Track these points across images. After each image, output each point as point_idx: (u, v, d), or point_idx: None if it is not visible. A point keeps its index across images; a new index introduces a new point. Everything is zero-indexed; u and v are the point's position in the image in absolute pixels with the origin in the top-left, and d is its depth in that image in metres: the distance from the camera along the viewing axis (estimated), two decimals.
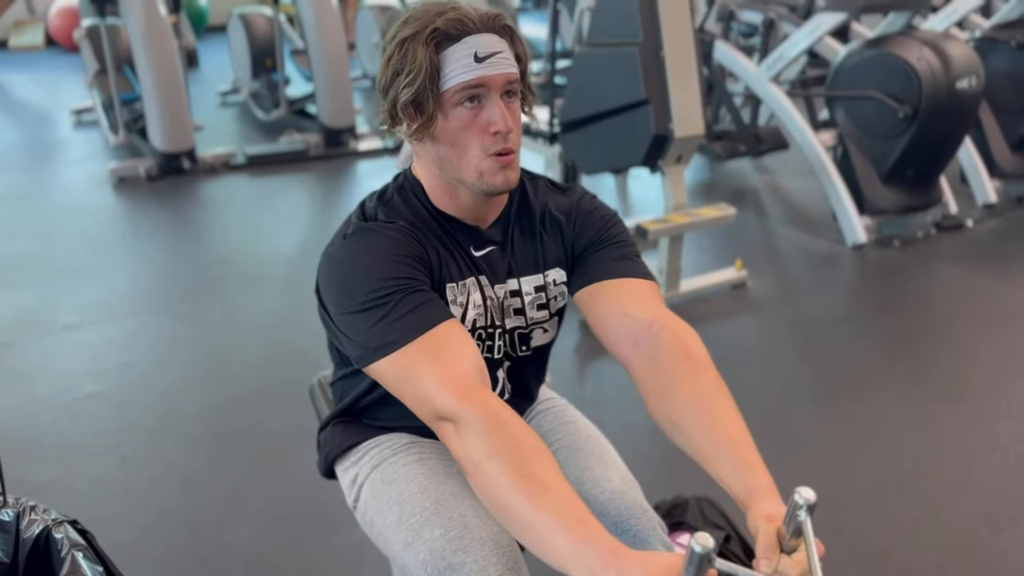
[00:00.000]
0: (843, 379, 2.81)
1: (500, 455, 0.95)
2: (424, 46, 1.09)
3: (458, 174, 1.16)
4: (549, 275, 1.28)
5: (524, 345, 1.29)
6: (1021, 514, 2.12)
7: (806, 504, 0.83)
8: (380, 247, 1.13)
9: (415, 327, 1.06)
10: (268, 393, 2.74)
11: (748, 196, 4.53)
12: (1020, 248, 3.89)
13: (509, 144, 1.13)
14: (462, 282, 1.20)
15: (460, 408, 0.99)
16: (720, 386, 1.09)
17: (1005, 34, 4.24)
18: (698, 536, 0.78)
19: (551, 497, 0.92)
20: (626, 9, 3.00)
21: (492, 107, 1.11)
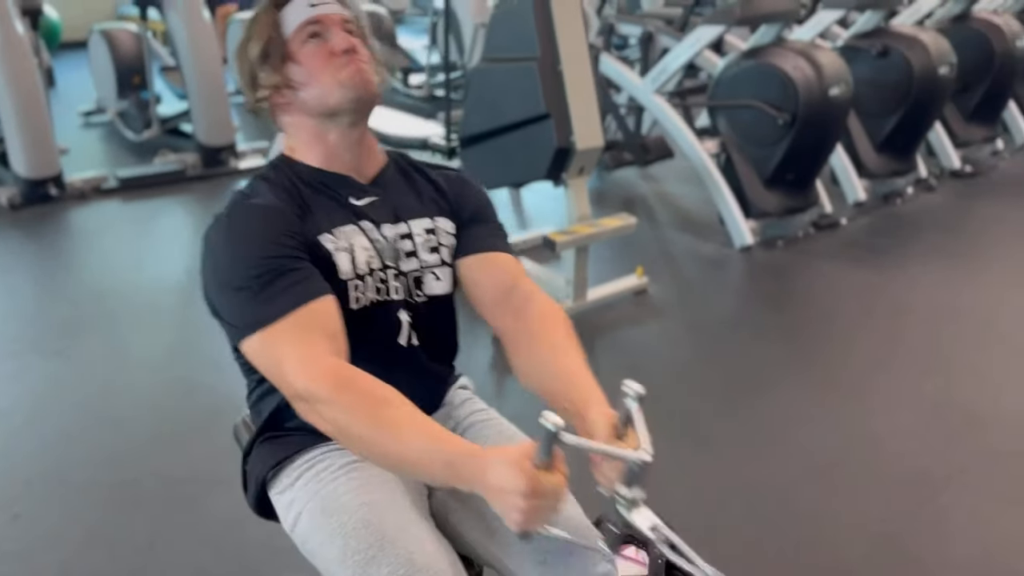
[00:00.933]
0: (746, 377, 2.91)
1: (358, 413, 1.05)
2: (266, 12, 1.27)
3: (323, 103, 1.25)
4: (438, 221, 1.33)
5: (419, 290, 1.30)
6: (930, 495, 2.26)
7: (635, 394, 1.00)
8: (252, 226, 1.17)
9: (282, 306, 1.11)
10: (169, 434, 2.59)
11: (638, 204, 4.65)
12: (890, 243, 4.15)
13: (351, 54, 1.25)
14: (340, 228, 1.24)
15: (313, 386, 1.07)
16: (571, 338, 1.26)
17: (865, 43, 4.53)
18: (547, 415, 0.91)
19: (414, 432, 1.04)
20: (522, 25, 3.02)
21: (334, 36, 1.25)
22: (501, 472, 0.96)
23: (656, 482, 1.03)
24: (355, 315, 1.21)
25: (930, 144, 5.07)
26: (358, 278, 1.22)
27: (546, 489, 0.96)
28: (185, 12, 5.01)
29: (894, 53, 4.41)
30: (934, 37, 4.50)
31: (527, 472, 0.95)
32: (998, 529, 2.13)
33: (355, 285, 1.22)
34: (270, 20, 1.26)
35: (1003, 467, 2.38)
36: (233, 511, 2.22)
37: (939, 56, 4.40)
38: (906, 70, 4.36)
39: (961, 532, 2.12)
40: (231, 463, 2.38)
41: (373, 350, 1.22)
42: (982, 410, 2.66)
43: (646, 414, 1.03)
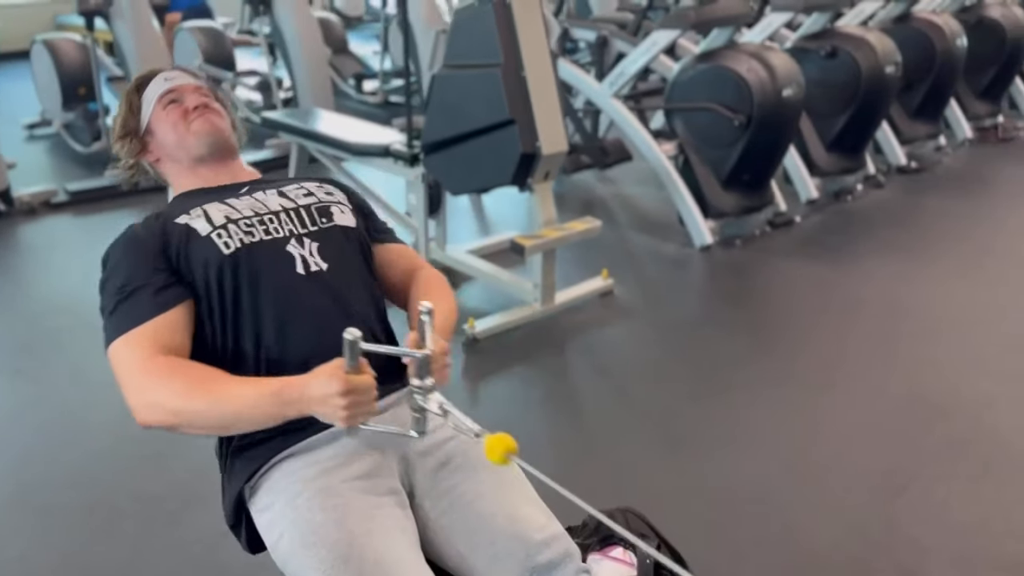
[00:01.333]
0: (714, 375, 2.96)
1: (188, 394, 1.21)
2: (127, 94, 1.56)
3: (183, 154, 1.50)
4: (326, 186, 1.54)
5: (324, 218, 1.44)
6: (900, 486, 2.32)
7: (426, 310, 1.19)
8: (113, 259, 1.36)
9: (124, 324, 1.27)
10: (140, 452, 2.53)
11: (598, 207, 4.69)
12: (843, 239, 4.26)
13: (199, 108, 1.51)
14: (193, 209, 1.38)
15: (142, 381, 1.23)
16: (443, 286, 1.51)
17: (814, 44, 4.64)
18: (348, 330, 1.12)
19: (241, 393, 1.21)
20: (484, 32, 3.03)
21: (187, 98, 1.53)
22: (319, 382, 1.15)
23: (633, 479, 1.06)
24: (233, 258, 1.32)
25: (877, 142, 5.21)
26: (219, 228, 1.35)
27: (359, 386, 1.14)
28: (133, 22, 4.93)
29: (842, 54, 4.52)
30: (879, 37, 4.63)
31: (340, 376, 1.13)
32: (967, 516, 2.21)
33: (218, 234, 1.34)
34: (128, 102, 1.55)
35: (968, 455, 2.46)
36: (214, 528, 2.18)
37: (885, 56, 4.53)
38: (854, 70, 4.48)
39: (932, 520, 2.19)
40: (208, 478, 2.35)
41: (270, 286, 1.33)
42: (943, 401, 2.75)
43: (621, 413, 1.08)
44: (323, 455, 1.30)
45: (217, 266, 1.32)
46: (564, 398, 2.88)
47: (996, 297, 3.53)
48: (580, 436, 2.60)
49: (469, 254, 3.73)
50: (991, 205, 4.73)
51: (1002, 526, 2.16)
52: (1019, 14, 5.84)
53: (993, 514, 2.20)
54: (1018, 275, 3.76)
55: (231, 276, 1.32)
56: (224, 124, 1.54)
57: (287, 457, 1.31)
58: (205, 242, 1.33)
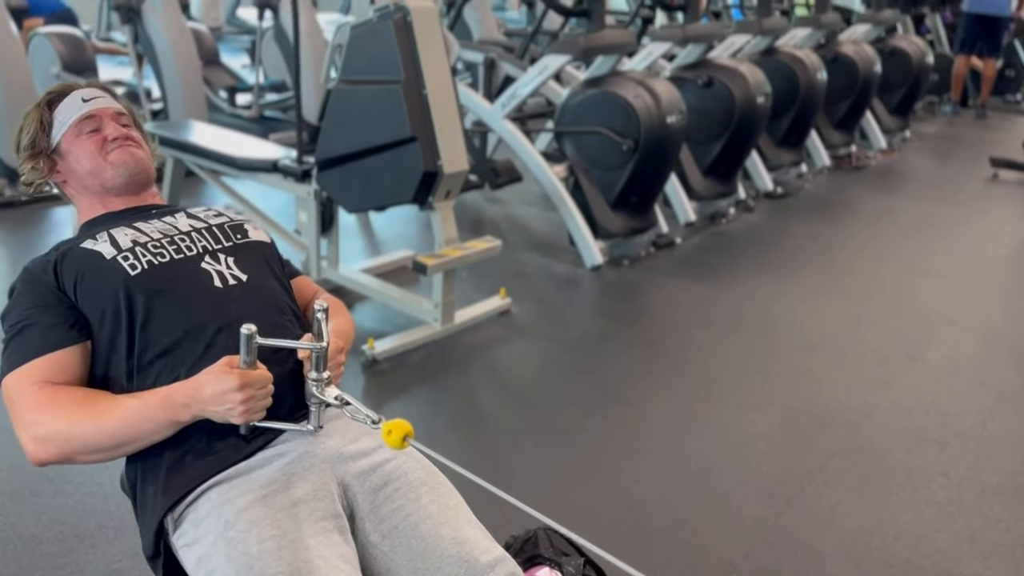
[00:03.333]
0: (614, 391, 3.02)
1: (73, 417, 1.19)
2: (37, 108, 1.46)
3: (97, 182, 1.44)
4: (230, 207, 1.60)
5: (239, 234, 1.44)
6: (794, 493, 2.44)
7: (321, 308, 1.24)
8: (20, 286, 1.33)
9: (15, 361, 1.25)
10: (12, 489, 2.33)
11: (488, 226, 4.71)
12: (721, 259, 4.45)
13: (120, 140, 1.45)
14: (105, 231, 1.36)
15: (30, 416, 1.21)
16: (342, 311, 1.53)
17: (691, 74, 4.85)
18: (245, 325, 1.14)
19: (129, 407, 1.19)
20: (384, 48, 3.00)
21: (107, 126, 1.45)
22: (212, 379, 1.15)
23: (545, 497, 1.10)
24: (141, 279, 1.29)
25: (746, 168, 5.50)
26: (125, 251, 1.32)
27: (255, 380, 1.16)
28: None
29: (717, 84, 4.75)
30: (751, 69, 4.90)
31: (235, 371, 1.14)
32: (858, 520, 2.34)
33: (124, 257, 1.31)
34: (39, 117, 1.45)
35: (852, 464, 2.61)
36: (104, 566, 2.05)
37: (757, 86, 4.80)
38: (729, 99, 4.72)
39: (827, 525, 2.31)
40: (90, 516, 2.21)
41: (186, 304, 1.30)
42: (824, 411, 2.91)
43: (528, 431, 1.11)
44: (257, 481, 1.24)
45: (124, 288, 1.27)
46: (470, 418, 2.86)
47: (861, 312, 3.78)
48: (489, 456, 2.59)
49: (363, 273, 3.66)
50: (851, 228, 5.07)
51: (890, 529, 2.29)
52: (869, 52, 6.33)
53: (881, 518, 2.34)
54: (877, 292, 4.05)
55: (141, 297, 1.27)
56: (144, 155, 1.49)
57: (215, 484, 1.24)
58: (109, 265, 1.30)
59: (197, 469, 1.24)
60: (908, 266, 4.42)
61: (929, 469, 2.58)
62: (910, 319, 3.72)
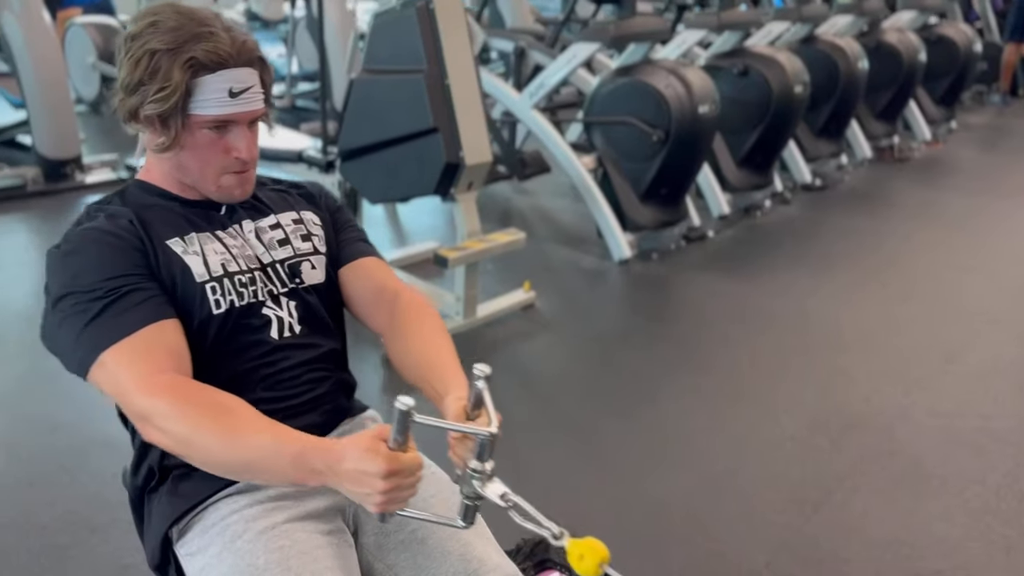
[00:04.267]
0: (637, 388, 2.95)
1: (203, 424, 1.03)
2: (180, 70, 1.13)
3: (195, 183, 1.24)
4: (305, 214, 1.35)
5: (297, 277, 1.29)
6: (821, 498, 2.35)
7: (483, 375, 1.04)
8: (90, 251, 1.15)
9: (122, 328, 1.09)
10: (28, 478, 2.34)
11: (515, 218, 4.66)
12: (754, 252, 4.35)
13: (248, 165, 1.24)
14: (188, 236, 1.22)
15: (153, 403, 1.05)
16: (440, 330, 1.30)
17: (727, 63, 4.73)
18: (401, 398, 0.94)
19: (260, 436, 1.03)
20: (407, 37, 2.95)
21: (239, 137, 1.21)
22: (357, 457, 0.97)
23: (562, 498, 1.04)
24: (221, 319, 1.19)
25: (783, 159, 5.36)
26: (214, 280, 1.20)
27: (405, 467, 0.97)
28: (24, 15, 4.61)
29: (754, 72, 4.63)
30: (789, 57, 4.77)
31: (384, 453, 0.96)
32: (887, 528, 2.24)
33: (212, 288, 1.19)
34: (183, 88, 1.13)
35: (883, 468, 2.51)
36: (115, 560, 2.03)
37: (794, 75, 4.66)
38: (765, 89, 4.59)
39: (855, 531, 2.22)
40: (106, 508, 2.19)
41: (245, 351, 1.21)
42: (857, 412, 2.80)
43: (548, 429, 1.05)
44: (267, 494, 1.20)
45: (201, 322, 1.18)
46: None
47: (899, 310, 3.65)
48: (506, 453, 2.53)
49: None
50: (892, 222, 4.92)
51: (922, 538, 2.20)
52: (913, 40, 6.13)
53: (912, 526, 2.24)
54: (917, 289, 3.91)
55: (213, 336, 1.19)
56: (254, 177, 1.29)
57: (225, 496, 1.19)
58: (198, 290, 1.18)
59: (208, 480, 1.18)
60: (951, 262, 4.26)
61: (964, 475, 2.47)
62: (950, 317, 3.58)
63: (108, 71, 6.32)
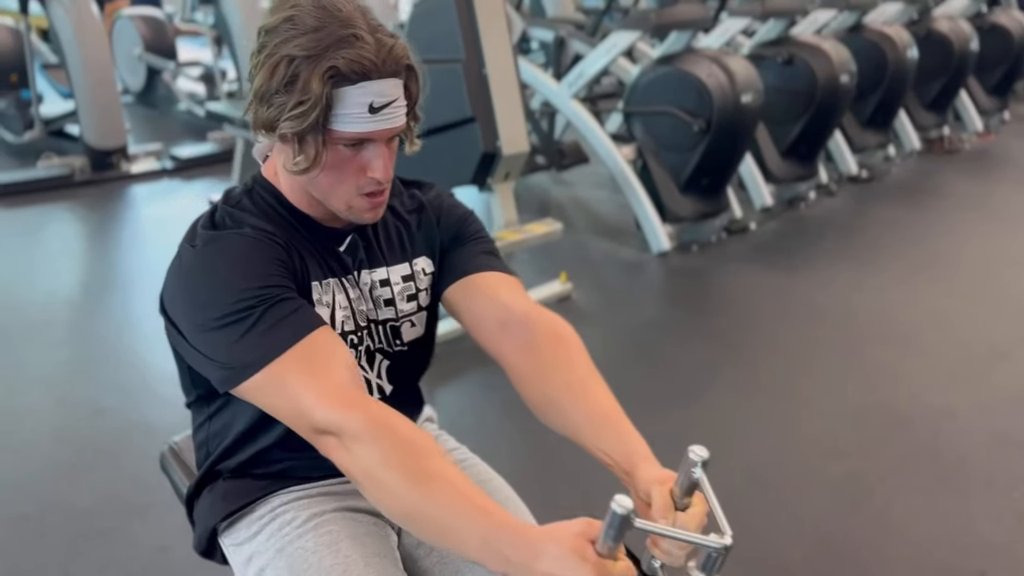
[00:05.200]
0: (676, 383, 2.91)
1: (394, 460, 0.92)
2: (320, 81, 1.00)
3: (325, 199, 1.10)
4: (417, 263, 1.22)
5: (397, 339, 1.20)
6: (861, 496, 2.30)
7: (700, 460, 0.89)
8: (237, 254, 1.04)
9: (285, 338, 0.99)
10: (72, 462, 2.39)
11: (553, 209, 4.63)
12: (798, 245, 4.27)
13: (384, 187, 1.10)
14: (325, 281, 1.13)
15: (343, 418, 0.94)
16: (591, 367, 1.14)
17: (771, 51, 4.65)
18: (619, 499, 0.79)
19: (451, 493, 0.90)
20: (445, 26, 2.94)
21: (375, 155, 1.06)
22: (558, 559, 0.83)
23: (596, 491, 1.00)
24: None
25: (829, 150, 5.26)
26: None
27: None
28: (73, 7, 4.70)
29: (799, 61, 4.54)
30: (835, 46, 4.66)
31: (591, 561, 0.82)
32: (929, 527, 2.18)
33: None
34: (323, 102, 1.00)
35: (930, 465, 2.45)
36: (150, 543, 2.06)
37: (841, 64, 4.56)
38: (810, 78, 4.50)
39: (896, 531, 2.16)
40: (146, 491, 2.23)
41: None
42: (903, 409, 2.74)
43: None
44: (316, 487, 1.20)
45: None
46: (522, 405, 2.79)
47: (949, 306, 3.56)
48: (541, 444, 2.52)
49: None
50: (940, 215, 4.80)
51: (965, 539, 2.14)
52: (965, 28, 5.96)
53: (955, 526, 2.18)
54: (968, 285, 3.81)
55: None
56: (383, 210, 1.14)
57: (274, 494, 1.19)
58: None
59: (260, 482, 1.19)
60: (1001, 256, 4.14)
61: (1011, 475, 2.39)
62: (1000, 313, 3.48)
63: (154, 62, 6.43)
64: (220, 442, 1.19)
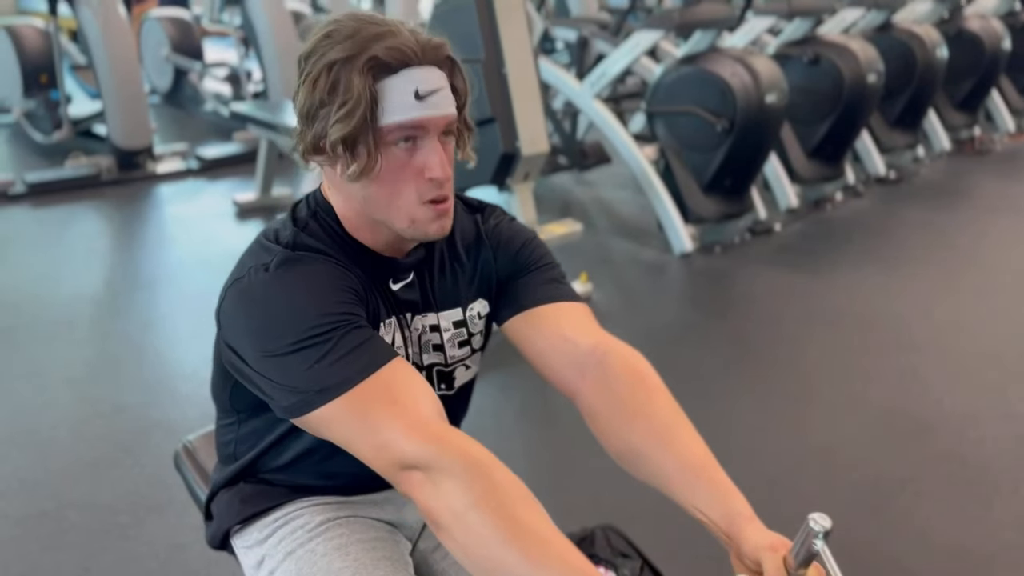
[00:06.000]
0: (696, 385, 2.88)
1: (486, 504, 0.84)
2: (361, 75, 0.95)
3: (386, 217, 1.02)
4: (473, 308, 1.16)
5: (444, 383, 1.16)
6: (882, 502, 2.26)
7: (823, 531, 0.81)
8: (313, 279, 0.99)
9: (364, 366, 0.93)
10: (93, 459, 2.41)
11: (575, 210, 4.61)
12: (824, 248, 4.21)
13: (445, 191, 1.02)
14: (388, 320, 1.07)
15: (432, 454, 0.87)
16: (677, 409, 1.07)
17: (797, 51, 4.59)
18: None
19: (549, 550, 0.82)
20: (465, 26, 2.93)
21: (430, 151, 0.99)
22: None
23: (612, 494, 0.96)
24: None
25: (856, 151, 5.19)
26: None
27: None
28: (100, 8, 4.76)
29: (825, 61, 4.48)
30: (862, 45, 4.60)
31: None
32: (952, 535, 2.14)
33: None
34: (367, 96, 0.95)
35: (953, 472, 2.40)
36: (168, 540, 2.08)
37: (868, 64, 4.50)
38: (837, 78, 4.44)
39: (917, 540, 2.12)
40: (164, 489, 2.24)
41: None
42: (926, 415, 2.69)
43: None
44: (333, 498, 1.20)
45: None
46: (540, 407, 2.79)
47: (975, 310, 3.49)
48: (558, 447, 2.51)
49: None
50: (969, 217, 4.71)
51: (989, 547, 2.09)
52: (997, 27, 5.86)
53: (978, 535, 2.14)
54: (996, 288, 3.73)
55: None
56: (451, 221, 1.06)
57: (289, 501, 1.19)
58: None
59: (277, 492, 1.19)
60: None
61: None
62: None
63: (181, 63, 6.50)
64: (248, 448, 1.18)
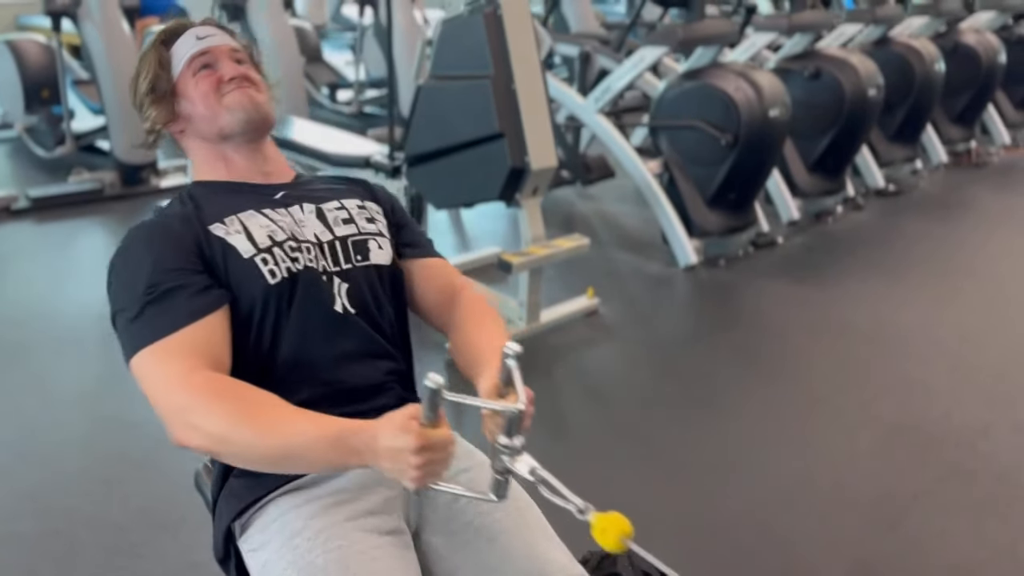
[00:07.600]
0: (705, 399, 2.89)
1: (236, 419, 1.06)
2: (154, 49, 1.33)
3: (211, 125, 1.31)
4: (368, 204, 1.37)
5: (360, 255, 1.29)
6: (897, 516, 2.26)
7: (513, 352, 1.06)
8: (137, 250, 1.20)
9: (159, 329, 1.12)
10: (102, 476, 2.39)
11: (579, 223, 4.62)
12: (827, 261, 4.23)
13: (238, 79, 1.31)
14: (229, 217, 1.23)
15: (188, 399, 1.07)
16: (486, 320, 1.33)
17: (797, 65, 4.63)
18: (431, 376, 0.97)
19: (295, 421, 1.06)
20: (474, 42, 2.95)
21: (223, 65, 1.32)
22: (391, 434, 1.00)
23: (625, 510, 1.03)
24: (278, 288, 1.20)
25: (856, 164, 5.21)
26: (263, 252, 1.21)
27: (436, 443, 0.99)
28: (103, 23, 4.77)
29: (826, 75, 4.51)
30: (862, 59, 4.63)
31: (415, 430, 0.99)
32: (968, 549, 2.15)
33: (263, 259, 1.20)
34: (157, 57, 1.33)
35: (964, 485, 2.41)
36: (181, 559, 2.06)
37: (868, 78, 4.53)
38: (838, 92, 4.47)
39: (933, 554, 2.13)
40: (174, 507, 2.23)
41: (309, 319, 1.21)
42: (935, 428, 2.70)
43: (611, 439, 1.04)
44: (327, 489, 1.20)
45: (262, 297, 1.19)
46: (552, 423, 2.78)
47: (979, 321, 3.51)
48: (569, 462, 2.49)
49: None
50: (969, 229, 4.74)
51: (1005, 561, 2.10)
52: (993, 41, 5.91)
53: (994, 548, 2.14)
54: (999, 299, 3.75)
55: (274, 308, 1.20)
56: (263, 99, 1.33)
57: (286, 492, 1.20)
58: (247, 266, 1.19)
59: (264, 478, 1.20)
60: None
61: None
62: None
63: None
64: None
